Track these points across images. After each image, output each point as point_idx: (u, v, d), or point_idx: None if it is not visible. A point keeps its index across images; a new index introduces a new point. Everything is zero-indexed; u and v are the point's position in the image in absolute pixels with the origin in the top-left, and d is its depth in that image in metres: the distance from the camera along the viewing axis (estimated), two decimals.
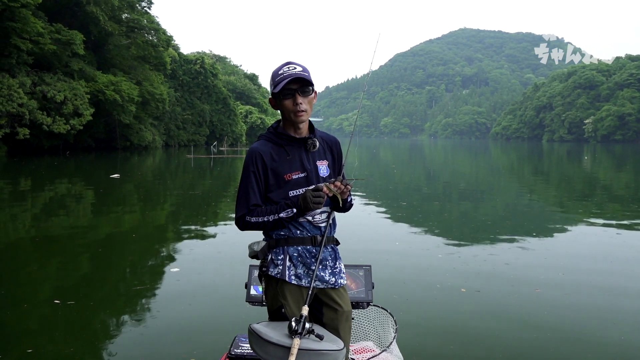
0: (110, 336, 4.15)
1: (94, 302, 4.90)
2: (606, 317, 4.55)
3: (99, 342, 4.01)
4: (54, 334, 4.09)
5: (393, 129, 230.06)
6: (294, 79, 2.17)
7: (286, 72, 2.18)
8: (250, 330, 2.10)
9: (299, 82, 2.19)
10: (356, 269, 2.81)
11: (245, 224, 2.22)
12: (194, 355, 3.65)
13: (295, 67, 2.20)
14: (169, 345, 3.89)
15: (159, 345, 3.90)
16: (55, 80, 33.13)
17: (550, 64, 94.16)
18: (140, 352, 3.77)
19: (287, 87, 2.18)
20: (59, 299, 4.84)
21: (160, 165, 29.83)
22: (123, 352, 3.78)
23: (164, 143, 52.90)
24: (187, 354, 3.67)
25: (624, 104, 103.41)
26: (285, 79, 2.16)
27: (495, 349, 3.85)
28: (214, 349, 3.66)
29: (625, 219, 10.43)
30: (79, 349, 3.85)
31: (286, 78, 2.16)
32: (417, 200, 13.63)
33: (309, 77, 2.19)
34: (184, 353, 3.69)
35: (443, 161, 38.57)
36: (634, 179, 21.52)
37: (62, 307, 4.64)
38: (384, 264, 6.15)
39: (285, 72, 2.19)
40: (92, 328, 4.27)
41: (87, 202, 12.77)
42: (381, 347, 3.03)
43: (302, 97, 2.19)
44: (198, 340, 3.96)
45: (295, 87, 2.18)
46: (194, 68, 60.73)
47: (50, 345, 3.86)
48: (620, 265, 6.44)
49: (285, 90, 2.18)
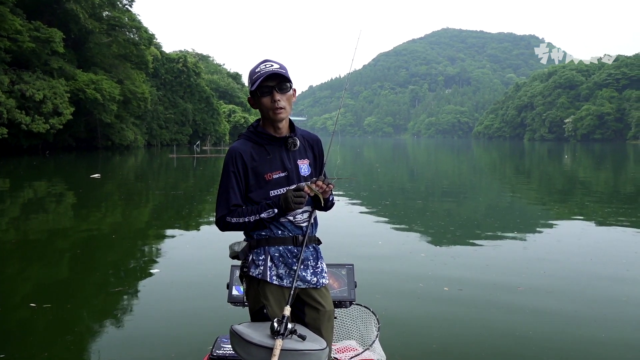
0: (87, 340, 4.06)
1: (72, 305, 4.79)
2: (588, 314, 4.59)
3: (75, 346, 3.92)
4: (28, 339, 3.99)
5: (376, 128, 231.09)
6: (270, 75, 2.15)
7: (263, 69, 2.16)
8: (232, 331, 2.08)
9: (277, 79, 2.17)
10: (339, 268, 2.80)
11: (226, 224, 2.19)
12: (173, 357, 3.60)
13: (273, 64, 2.18)
14: (150, 347, 3.83)
15: (139, 348, 3.83)
16: (34, 78, 32.53)
17: (550, 63, 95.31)
18: (119, 355, 3.71)
19: (264, 84, 2.16)
20: (36, 302, 4.73)
21: (143, 165, 29.51)
22: (101, 356, 3.71)
23: (146, 142, 52.34)
24: (168, 356, 3.61)
25: (603, 103, 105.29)
26: (262, 76, 2.14)
27: (478, 347, 3.86)
28: (196, 350, 3.61)
29: (604, 217, 10.60)
30: (54, 353, 3.76)
31: (262, 75, 2.15)
32: (401, 199, 13.69)
33: (286, 73, 2.18)
34: (165, 355, 3.63)
35: (426, 160, 38.84)
36: (612, 177, 21.90)
37: (38, 311, 4.53)
38: (366, 264, 6.12)
39: (262, 69, 2.17)
40: (68, 332, 4.16)
41: (66, 203, 12.56)
42: (364, 345, 3.04)
43: (280, 94, 2.17)
44: (179, 341, 3.90)
45: (273, 84, 2.16)
46: (177, 67, 60.17)
47: (24, 350, 3.77)
48: (600, 262, 6.52)
49: (263, 87, 2.16)
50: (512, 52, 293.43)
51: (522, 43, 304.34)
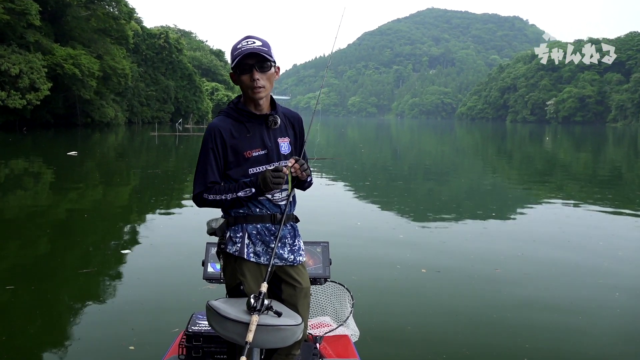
0: (65, 320, 4.03)
1: (48, 285, 4.72)
2: (564, 296, 4.65)
3: (51, 326, 3.89)
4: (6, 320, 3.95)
5: (360, 108, 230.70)
6: (251, 53, 2.10)
7: (244, 46, 2.11)
8: (208, 306, 2.09)
9: (257, 57, 2.12)
10: (314, 245, 2.82)
11: (203, 201, 2.18)
12: (149, 334, 3.59)
13: (255, 41, 2.13)
14: (126, 324, 3.80)
15: (115, 325, 3.81)
16: (10, 52, 31.64)
17: (550, 63, 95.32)
18: (95, 333, 3.68)
19: (244, 62, 2.11)
20: (13, 283, 4.68)
21: (123, 142, 29.10)
22: (77, 335, 3.69)
23: (127, 120, 51.49)
24: (144, 333, 3.61)
25: (584, 86, 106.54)
26: (242, 54, 2.09)
27: (454, 329, 3.88)
28: (171, 326, 3.61)
29: (582, 199, 10.80)
30: (13, 336, 3.72)
31: (243, 53, 2.09)
32: (382, 180, 13.74)
33: (267, 51, 2.12)
34: (141, 332, 3.62)
35: (409, 141, 39.00)
36: (592, 160, 22.28)
37: (15, 292, 4.49)
38: (344, 244, 6.07)
39: (243, 46, 2.11)
40: (45, 312, 4.11)
41: (41, 181, 12.35)
42: (338, 321, 3.08)
43: (260, 72, 2.13)
44: (154, 318, 3.90)
45: (252, 62, 2.12)
46: (158, 43, 58.99)
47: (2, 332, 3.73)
48: (577, 244, 6.64)
49: (243, 65, 2.12)
50: (496, 34, 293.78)
51: (506, 24, 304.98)
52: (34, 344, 3.54)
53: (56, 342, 3.57)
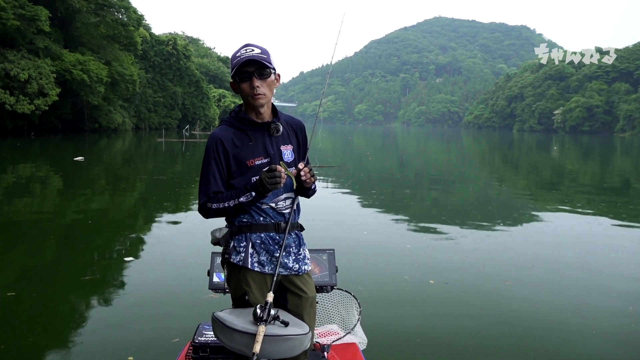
0: (70, 326, 3.99)
1: (53, 291, 4.69)
2: (577, 310, 4.54)
3: (57, 332, 3.85)
4: (10, 326, 3.91)
5: (367, 115, 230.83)
6: (250, 61, 2.10)
7: (243, 54, 2.12)
8: (214, 318, 2.08)
9: (256, 65, 2.12)
10: (319, 253, 2.80)
11: (208, 210, 2.17)
12: (155, 344, 3.54)
13: (253, 49, 2.13)
14: (131, 334, 3.76)
15: (121, 334, 3.77)
16: (19, 57, 31.90)
17: (550, 63, 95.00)
18: (100, 342, 3.64)
19: (244, 69, 2.12)
20: (17, 288, 4.65)
21: (130, 148, 29.22)
22: (82, 343, 3.65)
23: (134, 126, 51.76)
24: (149, 343, 3.56)
25: (592, 95, 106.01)
26: (241, 62, 2.10)
27: (464, 342, 3.80)
28: (177, 337, 3.56)
29: (591, 208, 10.69)
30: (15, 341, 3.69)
31: (242, 60, 2.10)
32: (388, 188, 13.68)
33: (266, 58, 2.12)
34: (146, 342, 3.58)
35: (416, 149, 38.93)
36: (599, 170, 22.11)
37: (19, 298, 4.46)
38: (351, 254, 6.00)
39: (242, 54, 2.12)
40: (51, 318, 4.08)
41: (48, 187, 12.38)
42: (345, 329, 3.05)
43: (260, 79, 2.13)
44: (160, 328, 3.85)
45: (252, 69, 2.12)
46: (166, 49, 59.38)
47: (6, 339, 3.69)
48: (587, 254, 6.54)
49: (242, 73, 2.13)
50: (503, 43, 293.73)
51: (513, 34, 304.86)
52: (35, 351, 3.50)
53: (57, 350, 3.53)
